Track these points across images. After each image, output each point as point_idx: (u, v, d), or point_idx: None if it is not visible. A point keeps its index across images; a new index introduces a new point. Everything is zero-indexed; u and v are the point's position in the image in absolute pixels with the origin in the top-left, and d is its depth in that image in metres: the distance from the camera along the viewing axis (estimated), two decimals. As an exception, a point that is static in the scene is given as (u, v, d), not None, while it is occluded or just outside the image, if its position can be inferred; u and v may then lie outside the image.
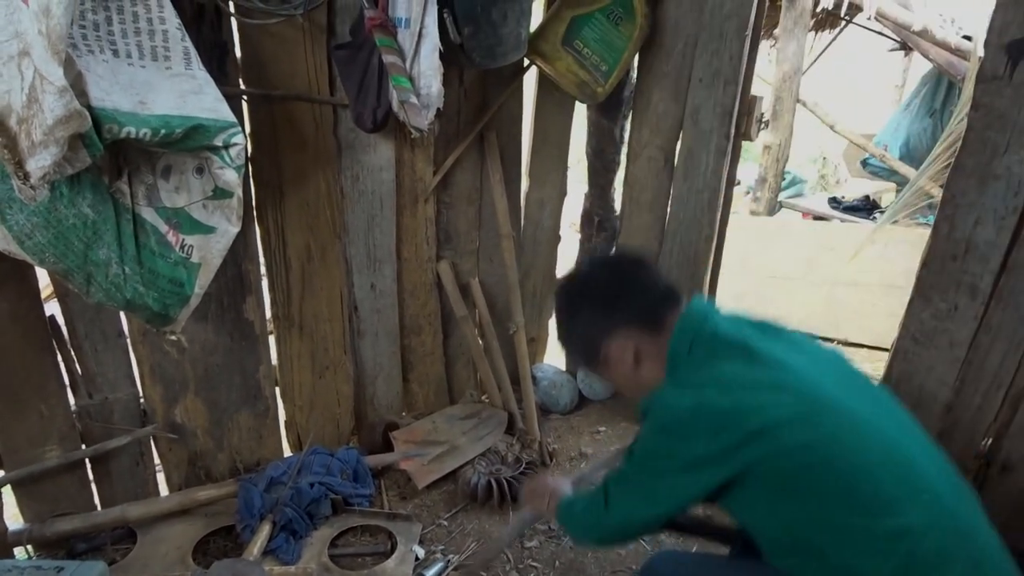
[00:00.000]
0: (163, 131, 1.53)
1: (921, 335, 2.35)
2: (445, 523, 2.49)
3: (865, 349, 4.40)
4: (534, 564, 2.32)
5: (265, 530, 2.24)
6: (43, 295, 2.09)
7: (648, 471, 1.32)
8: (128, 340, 2.24)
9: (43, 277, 2.03)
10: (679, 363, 1.33)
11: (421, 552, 2.33)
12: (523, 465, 2.69)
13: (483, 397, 3.13)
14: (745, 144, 2.85)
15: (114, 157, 1.65)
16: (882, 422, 1.26)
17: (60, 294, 2.07)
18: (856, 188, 7.06)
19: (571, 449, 2.90)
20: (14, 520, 2.23)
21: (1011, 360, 2.18)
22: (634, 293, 1.39)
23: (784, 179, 6.73)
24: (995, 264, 2.14)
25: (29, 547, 2.23)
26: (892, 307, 3.90)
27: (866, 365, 4.19)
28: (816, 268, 4.66)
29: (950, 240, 2.20)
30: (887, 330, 3.01)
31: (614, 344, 1.40)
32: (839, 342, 4.52)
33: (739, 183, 7.56)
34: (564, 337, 1.54)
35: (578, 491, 1.72)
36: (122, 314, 2.18)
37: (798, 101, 6.05)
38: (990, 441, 2.34)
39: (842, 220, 5.93)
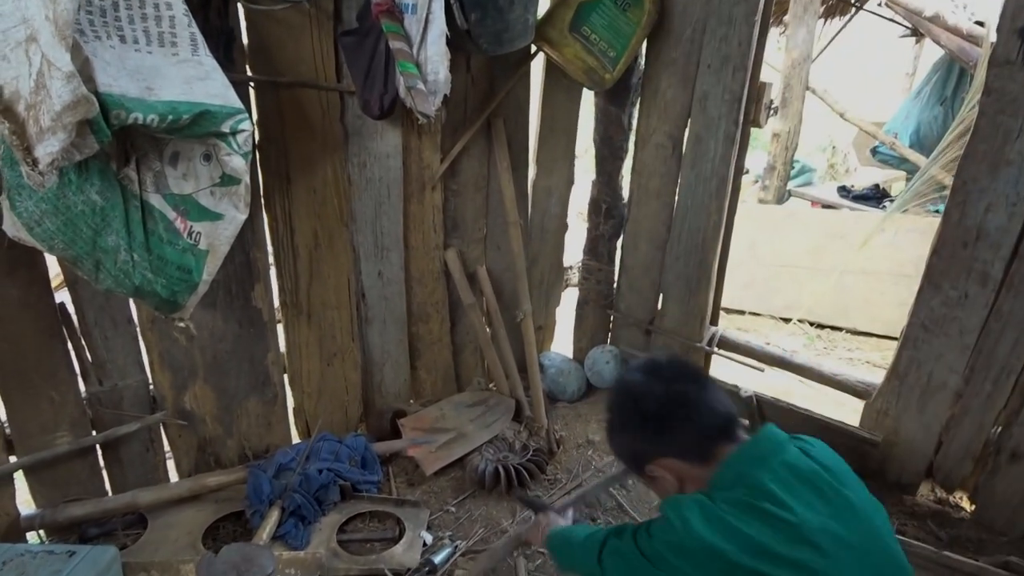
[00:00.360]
0: (170, 117, 1.53)
1: (931, 323, 2.34)
2: (453, 509, 2.50)
3: (874, 338, 4.39)
4: (541, 550, 2.33)
5: (274, 516, 2.25)
6: (53, 283, 2.10)
7: (644, 567, 1.29)
8: (137, 327, 2.25)
9: (53, 265, 2.05)
10: (720, 486, 1.27)
11: (429, 538, 2.35)
12: (530, 452, 2.69)
13: (490, 385, 3.13)
14: (754, 132, 2.83)
15: (121, 144, 1.65)
16: None
17: (70, 281, 2.08)
18: (866, 177, 7.01)
19: (578, 436, 2.91)
20: (26, 506, 2.26)
21: (1022, 347, 2.17)
22: (688, 423, 1.32)
23: (793, 168, 6.69)
24: (1006, 251, 2.13)
25: (41, 532, 2.25)
26: (901, 296, 3.89)
27: (874, 354, 4.18)
28: (825, 256, 4.64)
29: (961, 227, 2.19)
30: (896, 319, 3.00)
31: (659, 466, 1.36)
32: (847, 330, 4.51)
33: (748, 171, 7.53)
34: (610, 440, 1.51)
35: (571, 526, 1.79)
36: (131, 301, 2.20)
37: (807, 88, 6.01)
38: (1000, 429, 2.33)
39: (851, 209, 5.90)
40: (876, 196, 6.11)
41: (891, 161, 6.51)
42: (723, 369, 3.18)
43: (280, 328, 2.58)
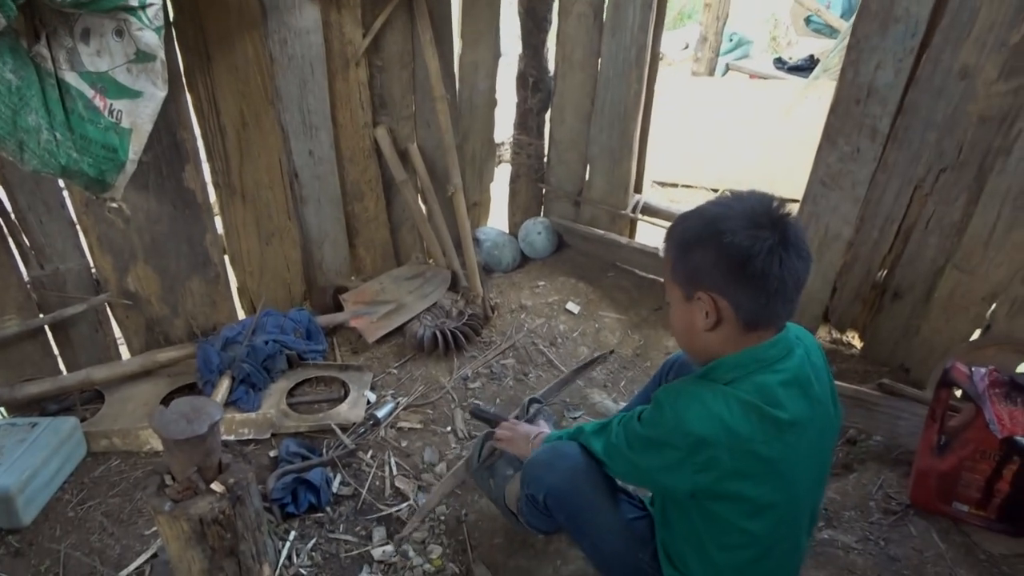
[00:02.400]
0: (75, -10, 1.55)
1: (828, 178, 2.53)
2: (395, 371, 2.70)
3: (798, 203, 4.61)
4: (476, 401, 2.55)
5: (225, 384, 2.41)
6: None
7: (637, 453, 1.41)
8: (71, 211, 2.30)
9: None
10: (733, 372, 1.30)
11: (372, 396, 2.54)
12: (466, 317, 2.87)
13: (429, 260, 3.27)
14: (688, 6, 2.87)
15: (30, 20, 1.66)
16: (808, 496, 1.41)
17: (-4, 166, 2.11)
18: (805, 48, 7.07)
19: (512, 303, 3.09)
20: (-17, 386, 2.37)
21: (904, 196, 2.38)
22: (769, 287, 1.23)
23: (731, 41, 6.71)
24: (892, 106, 2.29)
25: (2, 409, 2.37)
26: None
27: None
28: (754, 126, 4.78)
29: (854, 85, 2.34)
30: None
31: (711, 299, 1.27)
32: (773, 198, 4.71)
33: (687, 46, 7.52)
34: (681, 245, 1.32)
35: (559, 432, 1.79)
36: (62, 185, 2.24)
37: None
38: (885, 272, 2.57)
39: (786, 80, 5.99)
40: (810, 66, 6.19)
41: (824, 30, 6.58)
42: (647, 234, 3.37)
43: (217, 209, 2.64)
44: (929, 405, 2.03)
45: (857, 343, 2.79)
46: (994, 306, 2.30)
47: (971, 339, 2.37)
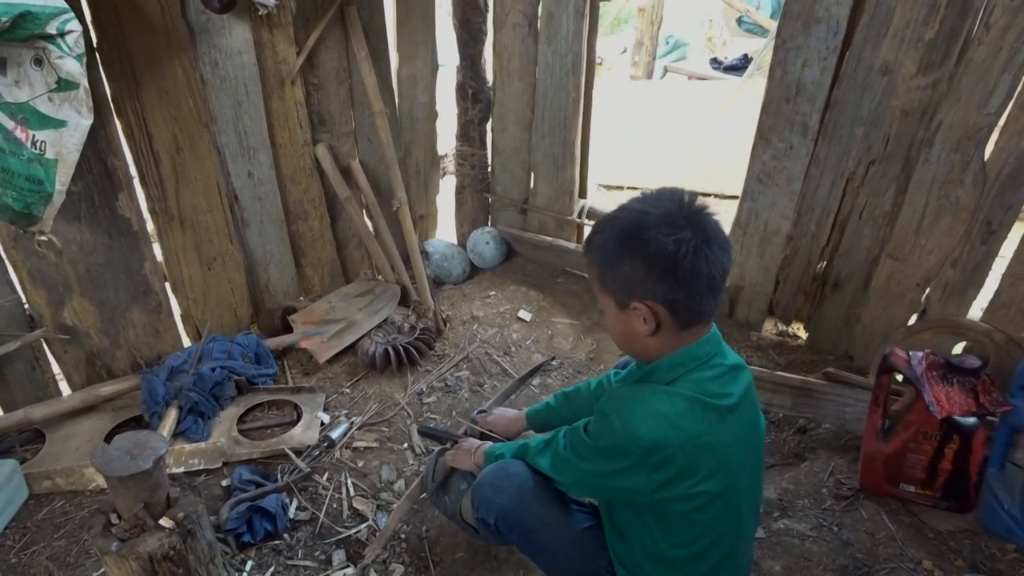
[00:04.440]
0: (-13, 20, 1.50)
1: (764, 175, 2.59)
2: (348, 390, 2.66)
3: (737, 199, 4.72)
4: (432, 416, 2.54)
5: (172, 415, 2.35)
6: None
7: (585, 465, 1.42)
8: (-1, 247, 2.22)
9: None
10: (672, 371, 1.32)
11: (326, 418, 2.51)
12: (418, 332, 2.86)
13: (378, 276, 3.24)
14: (625, 11, 2.92)
15: (-59, 52, 1.60)
16: (747, 476, 1.43)
17: (-85, 204, 2.02)
18: (739, 48, 7.25)
19: (464, 314, 3.09)
20: (-87, 434, 2.26)
21: (837, 189, 2.46)
22: (698, 282, 1.24)
23: (667, 44, 6.84)
24: (821, 102, 2.36)
25: (-65, 457, 2.27)
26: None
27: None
28: (693, 126, 4.87)
29: (783, 83, 2.40)
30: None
31: (647, 306, 1.28)
32: (716, 195, 4.82)
33: (625, 50, 7.63)
34: (604, 260, 1.32)
35: (501, 444, 1.82)
36: (-14, 220, 2.16)
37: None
38: (824, 264, 2.65)
39: (721, 79, 6.13)
40: (744, 65, 6.36)
41: (756, 30, 6.75)
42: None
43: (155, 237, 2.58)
44: (872, 391, 2.09)
45: (802, 334, 2.86)
46: (927, 291, 2.39)
47: (908, 324, 2.45)
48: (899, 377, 2.09)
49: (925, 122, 2.20)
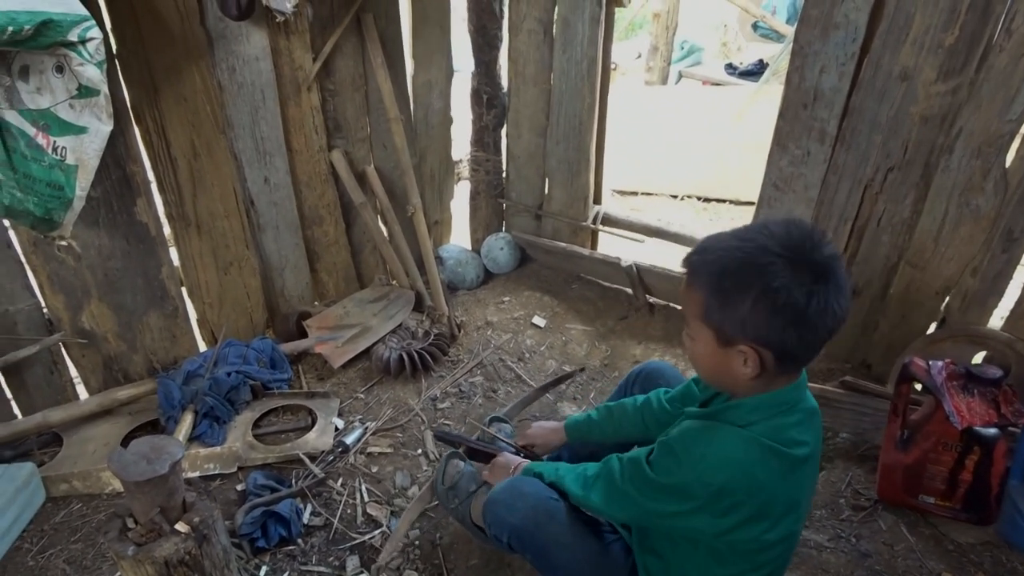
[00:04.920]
0: (10, 28, 1.51)
1: (781, 182, 2.57)
2: (362, 396, 2.67)
3: (753, 205, 4.69)
4: (447, 422, 2.54)
5: (188, 419, 2.36)
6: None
7: (649, 505, 1.34)
8: (19, 251, 2.24)
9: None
10: (751, 418, 1.26)
11: (341, 423, 2.51)
12: (432, 337, 2.86)
13: (392, 281, 3.25)
14: (639, 16, 2.92)
15: (-36, 60, 1.62)
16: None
17: (-63, 209, 2.04)
18: (755, 53, 7.22)
19: (478, 320, 3.09)
20: (-66, 436, 2.28)
21: (855, 196, 2.43)
22: (817, 337, 1.18)
23: (682, 49, 6.82)
24: (839, 108, 2.34)
25: (-46, 459, 2.29)
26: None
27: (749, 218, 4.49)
28: (708, 132, 4.86)
29: (800, 90, 2.39)
30: (762, 183, 3.23)
31: (754, 351, 1.20)
32: (731, 201, 4.80)
33: (639, 56, 7.62)
34: (720, 294, 1.21)
35: (545, 464, 1.74)
36: (7, 224, 2.18)
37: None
38: (841, 271, 2.61)
39: (737, 85, 6.11)
40: (759, 71, 6.32)
41: (771, 36, 6.73)
42: (608, 244, 3.39)
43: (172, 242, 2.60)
44: (891, 400, 2.07)
45: (819, 342, 2.84)
46: (947, 300, 2.36)
47: (927, 333, 2.42)
48: (918, 387, 2.06)
49: (945, 129, 2.18)
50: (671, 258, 3.55)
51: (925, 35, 2.10)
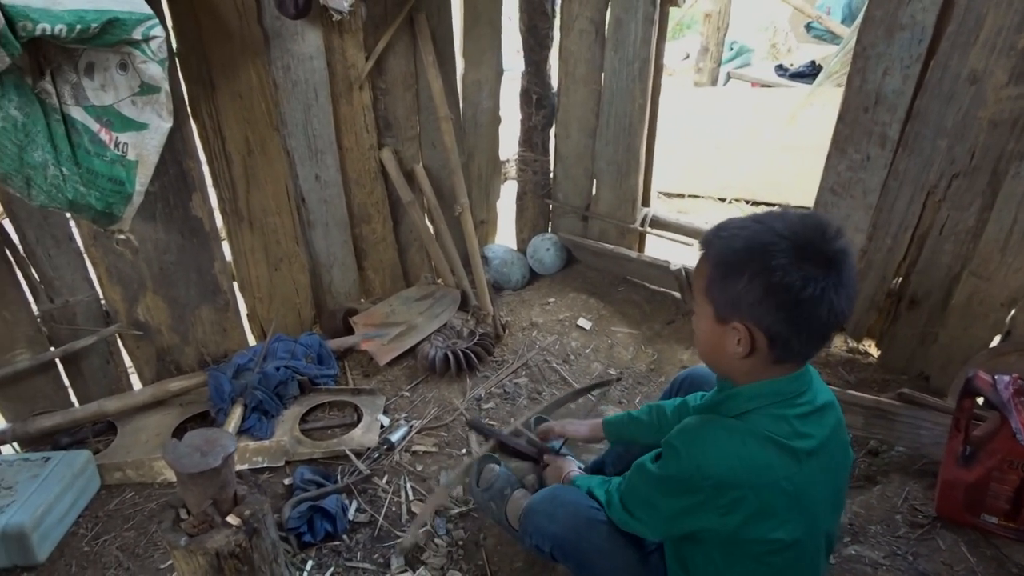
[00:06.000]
0: (78, 26, 1.55)
1: (838, 186, 2.50)
2: (407, 394, 2.68)
3: (803, 210, 4.59)
4: (491, 422, 2.52)
5: (237, 412, 2.39)
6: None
7: (658, 497, 1.35)
8: (80, 244, 2.30)
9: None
10: (748, 406, 1.25)
11: (386, 420, 2.52)
12: (477, 337, 2.85)
13: (438, 279, 3.26)
14: (688, 16, 2.87)
15: (34, 57, 1.66)
16: (825, 522, 1.36)
17: (4, 202, 2.10)
18: (805, 54, 7.07)
19: (523, 320, 3.07)
20: (-4, 422, 2.36)
21: (916, 203, 2.35)
22: (811, 324, 1.17)
23: (731, 50, 6.71)
24: (902, 112, 2.27)
25: (15, 444, 2.36)
26: (826, 167, 4.05)
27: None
28: (759, 135, 4.76)
29: (862, 92, 2.32)
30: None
31: (747, 330, 1.20)
32: (780, 205, 4.69)
33: (687, 56, 7.52)
34: (718, 272, 1.23)
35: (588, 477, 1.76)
36: (70, 218, 2.24)
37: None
38: (900, 280, 2.54)
39: (788, 87, 5.98)
40: (812, 72, 6.18)
41: (825, 36, 6.58)
42: (656, 247, 3.35)
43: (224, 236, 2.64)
44: (952, 415, 1.99)
45: (874, 351, 2.76)
46: (1013, 312, 2.27)
47: (991, 346, 2.33)
48: (980, 401, 1.98)
49: (1016, 134, 2.09)
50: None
51: (997, 37, 2.02)
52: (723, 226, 1.27)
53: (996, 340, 2.34)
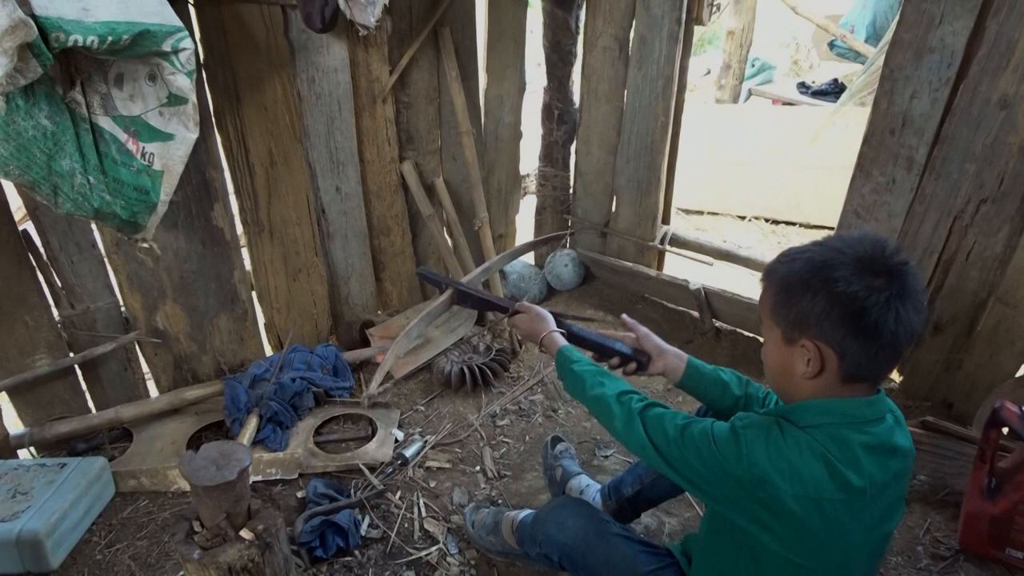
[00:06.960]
0: (110, 38, 1.56)
1: (862, 209, 2.47)
2: (422, 408, 2.66)
3: (825, 230, 4.55)
4: (505, 440, 2.51)
5: (252, 422, 2.39)
6: (16, 216, 2.14)
7: (699, 453, 1.28)
8: (102, 251, 2.31)
9: (15, 198, 2.09)
10: (816, 418, 1.22)
11: (400, 435, 2.51)
12: (493, 352, 2.84)
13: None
14: (709, 32, 2.87)
15: (65, 67, 1.68)
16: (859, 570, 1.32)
17: (30, 209, 2.12)
18: (828, 72, 7.02)
19: (540, 336, 3.05)
20: (14, 426, 2.37)
21: (943, 227, 2.32)
22: (882, 344, 1.14)
23: (752, 66, 6.69)
24: (929, 135, 2.24)
25: (32, 449, 2.37)
26: (849, 187, 4.02)
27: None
28: (780, 152, 4.74)
29: (888, 115, 2.29)
30: (839, 208, 3.12)
31: (816, 348, 1.19)
32: (801, 224, 4.67)
33: (708, 72, 7.51)
34: (787, 287, 1.22)
35: (586, 360, 1.63)
36: (93, 225, 2.25)
37: (760, -17, 5.95)
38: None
39: (810, 105, 5.95)
40: (835, 91, 6.14)
41: (848, 55, 6.53)
42: (675, 265, 3.33)
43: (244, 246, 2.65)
44: (978, 445, 1.95)
45: (896, 377, 2.72)
46: (1041, 341, 2.23)
47: (1018, 375, 2.29)
48: (1005, 431, 1.94)
49: (1047, 161, 2.06)
50: (738, 281, 3.46)
51: (1029, 62, 2.00)
52: (783, 254, 1.29)
53: (1023, 369, 2.30)
